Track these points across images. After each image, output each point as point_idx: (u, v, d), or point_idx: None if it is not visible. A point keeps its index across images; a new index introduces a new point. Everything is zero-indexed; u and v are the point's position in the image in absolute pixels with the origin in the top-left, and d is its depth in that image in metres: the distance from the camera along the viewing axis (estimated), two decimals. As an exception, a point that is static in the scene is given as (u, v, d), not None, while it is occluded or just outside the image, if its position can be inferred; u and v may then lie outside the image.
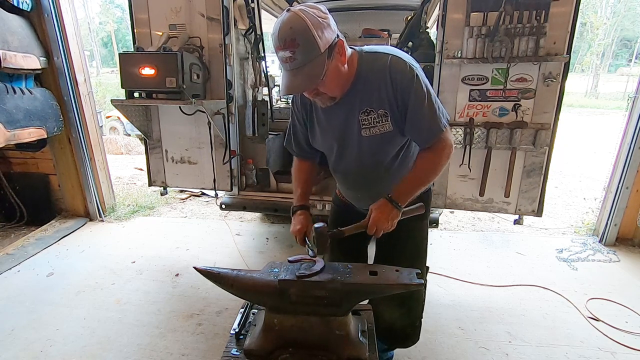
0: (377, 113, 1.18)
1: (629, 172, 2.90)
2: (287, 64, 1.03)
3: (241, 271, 1.14)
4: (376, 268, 1.11)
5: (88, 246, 3.06)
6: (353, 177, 1.37)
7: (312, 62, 1.02)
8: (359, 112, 1.19)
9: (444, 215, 3.68)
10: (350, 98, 1.19)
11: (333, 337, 1.09)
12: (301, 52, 1.00)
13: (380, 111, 1.17)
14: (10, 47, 2.61)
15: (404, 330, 1.51)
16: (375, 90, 1.16)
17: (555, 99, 2.22)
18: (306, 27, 0.99)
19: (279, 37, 1.01)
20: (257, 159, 2.92)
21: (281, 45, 1.01)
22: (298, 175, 1.48)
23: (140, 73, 2.24)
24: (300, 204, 1.39)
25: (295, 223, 1.36)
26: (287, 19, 1.00)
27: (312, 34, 0.99)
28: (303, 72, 1.04)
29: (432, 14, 3.14)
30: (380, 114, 1.17)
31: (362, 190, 1.39)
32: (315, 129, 1.33)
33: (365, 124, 1.20)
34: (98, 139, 3.50)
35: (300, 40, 0.99)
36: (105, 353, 1.92)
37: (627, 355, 1.92)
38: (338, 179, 1.46)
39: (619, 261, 2.84)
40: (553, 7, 2.08)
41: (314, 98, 1.17)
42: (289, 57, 1.01)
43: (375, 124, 1.19)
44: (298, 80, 1.06)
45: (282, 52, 1.01)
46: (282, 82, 1.10)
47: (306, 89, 1.10)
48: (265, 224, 3.56)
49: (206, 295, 2.38)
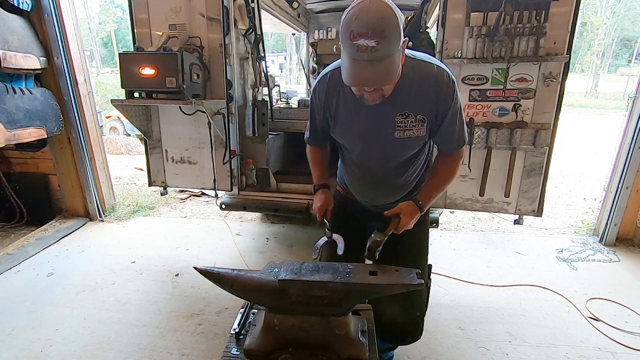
0: (415, 118, 1.20)
1: (629, 172, 2.90)
2: (364, 53, 0.96)
3: (241, 271, 1.14)
4: (376, 268, 1.11)
5: (88, 246, 3.06)
6: (372, 174, 1.37)
7: (391, 57, 0.99)
8: (397, 113, 1.20)
9: (444, 215, 3.68)
10: (390, 98, 1.16)
11: (333, 337, 1.09)
12: (385, 45, 0.95)
13: (418, 116, 1.19)
14: (10, 47, 2.61)
15: (405, 327, 1.51)
16: (419, 97, 1.17)
17: (555, 99, 2.22)
18: (397, 20, 0.96)
19: (367, 24, 0.93)
20: (257, 159, 2.92)
21: (367, 33, 0.93)
22: (314, 157, 1.49)
23: (140, 73, 2.24)
24: (321, 183, 1.41)
25: (317, 201, 1.37)
26: (376, 7, 0.94)
27: (399, 28, 0.97)
28: (381, 65, 0.99)
29: (432, 14, 3.14)
30: (418, 119, 1.20)
31: (375, 188, 1.40)
32: (339, 123, 1.30)
33: (401, 127, 1.21)
34: (98, 139, 3.50)
35: (388, 32, 0.94)
36: (105, 353, 1.92)
37: (627, 355, 1.92)
38: (354, 172, 1.42)
39: (619, 261, 2.84)
40: (553, 7, 2.08)
41: (369, 93, 1.10)
42: (372, 47, 0.94)
43: (411, 128, 1.21)
44: (375, 73, 1.00)
45: (363, 39, 0.94)
46: (349, 71, 1.03)
47: (385, 83, 1.06)
48: (265, 224, 3.56)
49: (206, 295, 2.38)
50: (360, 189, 1.46)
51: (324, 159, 1.50)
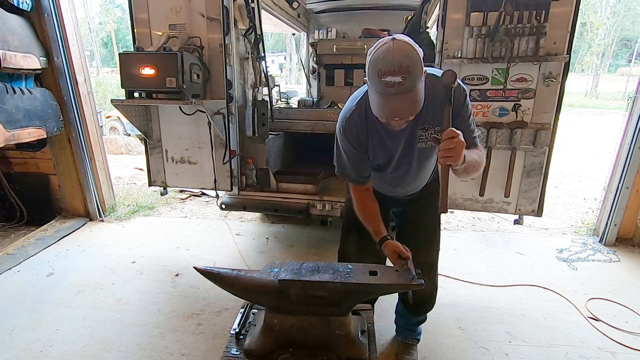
0: (434, 130, 1.33)
1: (629, 172, 2.90)
2: (392, 88, 1.08)
3: (241, 271, 1.14)
4: (376, 268, 1.12)
5: (88, 246, 3.06)
6: (400, 179, 1.53)
7: (416, 89, 1.11)
8: (418, 128, 1.34)
9: (444, 215, 3.68)
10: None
11: (333, 337, 1.09)
12: (411, 79, 1.07)
13: (437, 128, 1.32)
14: (10, 47, 2.61)
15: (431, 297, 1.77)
16: (435, 110, 1.29)
17: (555, 99, 2.22)
18: (418, 56, 1.09)
19: (393, 63, 1.06)
20: (257, 159, 2.92)
21: (394, 71, 1.06)
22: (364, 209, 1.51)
23: (140, 73, 2.23)
24: (382, 237, 1.42)
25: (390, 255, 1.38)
26: (399, 47, 1.08)
27: (421, 63, 1.10)
28: (409, 97, 1.10)
29: (432, 14, 3.14)
30: (436, 130, 1.33)
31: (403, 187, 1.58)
32: (377, 149, 1.41)
33: (422, 139, 1.36)
34: (98, 139, 3.50)
35: (412, 67, 1.07)
36: (105, 353, 1.92)
37: (627, 355, 1.92)
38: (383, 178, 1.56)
39: (619, 261, 2.84)
40: (553, 7, 2.08)
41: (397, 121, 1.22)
42: (399, 83, 1.07)
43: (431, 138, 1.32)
44: (404, 105, 1.12)
45: (391, 77, 1.07)
46: (379, 105, 1.15)
47: (413, 112, 1.17)
48: (265, 224, 3.56)
49: (206, 295, 2.38)
50: (387, 188, 1.61)
51: (373, 207, 1.50)
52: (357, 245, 1.65)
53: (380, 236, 1.41)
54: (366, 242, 1.55)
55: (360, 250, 1.63)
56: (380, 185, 1.60)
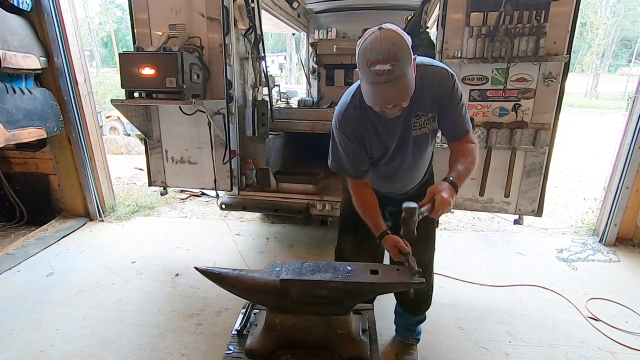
0: (427, 116, 1.35)
1: (629, 172, 2.90)
2: (381, 76, 1.09)
3: (242, 271, 1.14)
4: (377, 267, 1.12)
5: (88, 246, 3.06)
6: (396, 172, 1.53)
7: (406, 76, 1.12)
8: (412, 116, 1.35)
9: (444, 215, 3.67)
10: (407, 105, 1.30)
11: (334, 336, 1.09)
12: (400, 66, 1.08)
13: (429, 115, 1.35)
14: (10, 47, 2.61)
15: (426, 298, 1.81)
16: (428, 98, 1.31)
17: (555, 99, 2.22)
18: (406, 44, 1.10)
19: (380, 51, 1.07)
20: (257, 159, 2.92)
21: (382, 59, 1.07)
22: (363, 204, 1.49)
23: (140, 73, 2.23)
24: (382, 232, 1.42)
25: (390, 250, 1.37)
26: (386, 35, 1.08)
27: (409, 49, 1.11)
28: (399, 84, 1.11)
29: (432, 13, 3.14)
30: (429, 117, 1.35)
31: (399, 181, 1.58)
32: (373, 140, 1.41)
33: (417, 126, 1.37)
34: (98, 139, 3.50)
35: (400, 55, 1.08)
36: (105, 353, 1.92)
37: (627, 355, 1.92)
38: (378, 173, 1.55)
39: (619, 261, 2.84)
40: (553, 7, 2.08)
41: (390, 109, 1.22)
42: (388, 71, 1.07)
43: (425, 125, 1.37)
44: (394, 92, 1.13)
45: (380, 65, 1.07)
46: (371, 94, 1.16)
47: (404, 99, 1.18)
48: (265, 224, 3.56)
49: (206, 295, 2.38)
50: (384, 184, 1.60)
51: (372, 202, 1.48)
52: (353, 243, 1.66)
53: (380, 230, 1.40)
54: (362, 241, 1.57)
55: (357, 249, 1.65)
56: (374, 181, 1.58)
